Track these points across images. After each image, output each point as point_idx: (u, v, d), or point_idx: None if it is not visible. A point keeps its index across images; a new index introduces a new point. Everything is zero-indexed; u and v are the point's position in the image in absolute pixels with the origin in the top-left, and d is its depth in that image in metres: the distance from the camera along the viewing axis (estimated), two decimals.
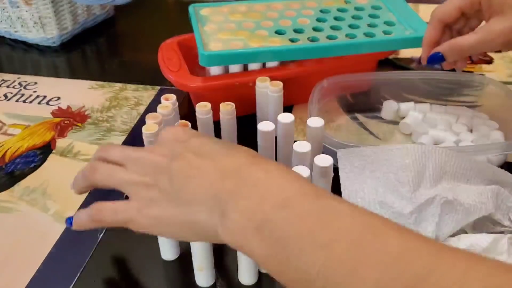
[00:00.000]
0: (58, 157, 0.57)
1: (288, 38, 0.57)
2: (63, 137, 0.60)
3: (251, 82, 0.56)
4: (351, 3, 0.65)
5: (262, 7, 0.64)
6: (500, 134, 0.54)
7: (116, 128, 0.61)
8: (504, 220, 0.42)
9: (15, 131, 0.61)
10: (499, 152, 0.49)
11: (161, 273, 0.43)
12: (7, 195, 0.52)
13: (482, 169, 0.45)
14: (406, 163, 0.44)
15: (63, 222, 0.48)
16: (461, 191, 0.43)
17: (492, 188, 0.43)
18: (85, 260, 0.44)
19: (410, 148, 0.44)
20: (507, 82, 0.67)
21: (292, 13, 0.63)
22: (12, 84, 0.71)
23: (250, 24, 0.60)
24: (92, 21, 0.87)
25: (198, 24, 0.60)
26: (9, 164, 0.56)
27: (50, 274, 0.43)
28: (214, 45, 0.56)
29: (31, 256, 0.45)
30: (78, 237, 0.46)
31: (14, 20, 0.80)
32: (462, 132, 0.54)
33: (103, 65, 0.79)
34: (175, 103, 0.53)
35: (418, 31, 0.58)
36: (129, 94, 0.68)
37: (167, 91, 0.58)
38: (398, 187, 0.43)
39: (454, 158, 0.44)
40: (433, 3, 0.91)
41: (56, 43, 0.81)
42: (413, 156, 0.44)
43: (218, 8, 0.64)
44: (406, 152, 0.44)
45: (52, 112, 0.65)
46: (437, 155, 0.44)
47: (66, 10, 0.80)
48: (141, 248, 0.45)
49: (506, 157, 0.52)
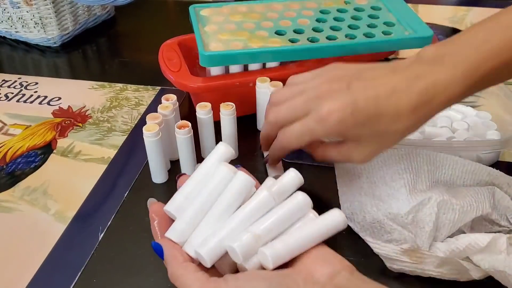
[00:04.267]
0: (59, 157, 0.57)
1: (288, 38, 0.58)
2: (64, 137, 0.60)
3: (251, 82, 0.57)
4: (351, 3, 0.65)
5: (262, 8, 0.64)
6: (497, 134, 0.54)
7: (117, 128, 0.61)
8: (501, 220, 0.42)
9: (16, 131, 0.61)
10: (488, 149, 0.49)
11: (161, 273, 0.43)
12: (8, 195, 0.52)
13: (477, 170, 0.45)
14: (402, 167, 0.44)
15: (63, 222, 0.48)
16: (457, 192, 0.43)
17: (488, 188, 0.43)
18: (85, 260, 0.44)
19: (405, 151, 0.45)
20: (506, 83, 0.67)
21: (292, 14, 0.63)
22: (13, 84, 0.71)
23: (250, 25, 0.60)
24: (93, 22, 0.87)
25: (199, 25, 0.60)
26: (10, 164, 0.56)
27: (50, 274, 0.43)
28: (214, 46, 0.56)
29: (32, 256, 0.45)
30: (79, 237, 0.46)
31: (15, 21, 0.80)
32: (460, 130, 0.55)
33: (103, 65, 0.79)
34: (176, 103, 0.53)
35: (418, 32, 0.58)
36: (129, 94, 0.68)
37: (167, 91, 0.59)
38: (394, 189, 0.43)
39: (449, 160, 0.45)
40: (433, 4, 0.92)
41: (57, 43, 0.81)
42: (408, 160, 0.44)
43: (218, 8, 0.64)
44: (401, 155, 0.45)
45: (53, 112, 0.65)
46: (432, 159, 0.45)
47: (67, 11, 0.81)
48: (141, 248, 0.45)
49: (497, 156, 0.53)
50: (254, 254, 0.34)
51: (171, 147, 0.53)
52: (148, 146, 0.49)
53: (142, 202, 0.50)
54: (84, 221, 0.48)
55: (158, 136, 0.49)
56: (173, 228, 0.37)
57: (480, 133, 0.55)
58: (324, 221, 0.35)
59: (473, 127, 0.56)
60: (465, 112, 0.58)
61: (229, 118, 0.52)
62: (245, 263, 0.34)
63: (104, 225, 0.48)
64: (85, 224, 0.48)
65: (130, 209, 0.49)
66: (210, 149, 0.54)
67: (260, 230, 0.34)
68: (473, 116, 0.58)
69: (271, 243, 0.34)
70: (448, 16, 0.86)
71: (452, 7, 0.89)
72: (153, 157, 0.50)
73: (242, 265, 0.34)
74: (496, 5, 0.87)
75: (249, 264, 0.34)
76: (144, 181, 0.53)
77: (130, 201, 0.50)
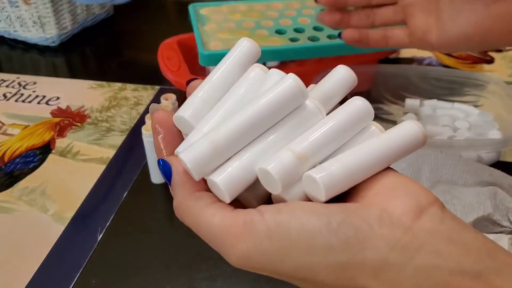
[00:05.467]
0: (57, 157, 0.56)
1: (288, 37, 0.57)
2: (62, 137, 0.60)
3: None
4: None
5: (262, 7, 0.64)
6: (498, 133, 0.54)
7: (116, 128, 0.61)
8: (503, 221, 0.42)
9: (14, 131, 0.61)
10: (489, 149, 0.49)
11: (161, 273, 0.43)
12: (6, 195, 0.51)
13: (479, 171, 0.45)
14: (402, 167, 0.44)
15: (62, 222, 0.48)
16: (458, 192, 0.43)
17: (489, 189, 0.43)
18: (85, 260, 0.44)
19: None
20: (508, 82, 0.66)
21: (292, 13, 0.62)
22: (11, 84, 0.71)
23: (250, 24, 0.60)
24: (92, 21, 0.87)
25: (198, 24, 0.60)
26: (8, 164, 0.56)
27: (49, 274, 0.43)
28: (214, 45, 0.56)
29: (31, 257, 0.44)
30: (78, 237, 0.46)
31: (13, 20, 0.80)
32: (461, 129, 0.55)
33: (102, 64, 0.78)
34: (175, 103, 0.53)
35: None
36: (128, 94, 0.68)
37: (166, 91, 0.58)
38: None
39: (450, 160, 0.45)
40: None
41: (55, 42, 0.81)
42: (409, 160, 0.44)
43: (218, 7, 0.63)
44: None
45: (51, 112, 0.64)
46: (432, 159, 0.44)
47: (66, 10, 0.80)
48: (140, 249, 0.45)
49: (498, 155, 0.52)
50: (297, 182, 0.24)
51: None
52: (147, 146, 0.49)
53: (141, 202, 0.50)
54: (82, 221, 0.48)
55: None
56: (187, 144, 0.25)
57: (481, 133, 0.54)
58: (395, 135, 0.24)
59: (475, 126, 0.56)
60: (467, 111, 0.58)
61: None
62: (284, 195, 0.24)
63: (103, 225, 0.47)
64: (84, 224, 0.48)
65: (129, 210, 0.49)
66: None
67: (305, 148, 0.24)
68: (475, 115, 0.57)
69: (321, 165, 0.24)
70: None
71: None
72: (152, 157, 0.50)
73: (280, 197, 0.25)
74: None
75: (290, 196, 0.24)
76: (143, 181, 0.52)
77: (129, 201, 0.50)
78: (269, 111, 0.24)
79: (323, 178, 0.23)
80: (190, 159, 0.24)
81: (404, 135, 0.24)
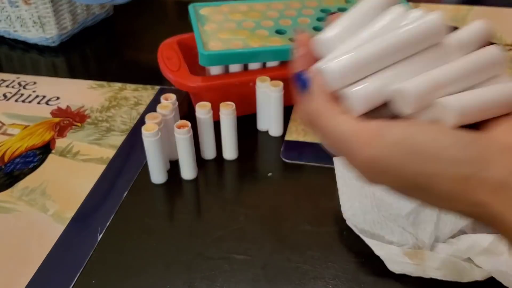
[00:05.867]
0: (57, 157, 0.56)
1: (288, 37, 0.57)
2: (62, 137, 0.60)
3: (251, 82, 0.56)
4: (352, 2, 0.65)
5: (262, 7, 0.64)
6: None
7: (116, 128, 0.61)
8: None
9: (14, 131, 0.61)
10: None
11: (160, 274, 0.43)
12: (6, 195, 0.51)
13: None
14: None
15: (62, 222, 0.48)
16: None
17: None
18: (85, 260, 0.44)
19: None
20: None
21: (293, 13, 0.62)
22: (11, 84, 0.71)
23: (250, 24, 0.60)
24: (92, 21, 0.87)
25: (198, 24, 0.60)
26: (8, 164, 0.56)
27: (50, 274, 0.43)
28: (214, 45, 0.56)
29: (31, 257, 0.44)
30: (78, 237, 0.46)
31: (13, 20, 0.80)
32: None
33: (102, 64, 0.78)
34: (175, 103, 0.53)
35: None
36: (128, 93, 0.68)
37: (166, 91, 0.58)
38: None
39: None
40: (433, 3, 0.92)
41: (55, 42, 0.81)
42: None
43: (218, 7, 0.63)
44: None
45: (51, 112, 0.64)
46: None
47: (66, 10, 0.80)
48: (141, 249, 0.45)
49: None
50: (429, 107, 0.26)
51: (170, 147, 0.52)
52: (147, 146, 0.49)
53: (141, 202, 0.50)
54: (83, 221, 0.48)
55: (157, 136, 0.48)
56: (327, 60, 0.28)
57: None
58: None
59: None
60: None
61: (229, 118, 0.52)
62: (414, 116, 0.26)
63: (103, 225, 0.47)
64: (84, 224, 0.48)
65: (129, 210, 0.49)
66: (210, 149, 0.55)
67: (441, 77, 0.26)
68: None
69: (454, 95, 0.26)
70: (449, 15, 0.86)
71: (453, 6, 0.89)
72: (152, 157, 0.50)
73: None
74: (497, 4, 0.87)
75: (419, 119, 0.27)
76: (143, 181, 0.52)
77: (129, 201, 0.50)
78: (411, 40, 0.26)
79: (456, 105, 0.25)
80: (332, 69, 0.27)
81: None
